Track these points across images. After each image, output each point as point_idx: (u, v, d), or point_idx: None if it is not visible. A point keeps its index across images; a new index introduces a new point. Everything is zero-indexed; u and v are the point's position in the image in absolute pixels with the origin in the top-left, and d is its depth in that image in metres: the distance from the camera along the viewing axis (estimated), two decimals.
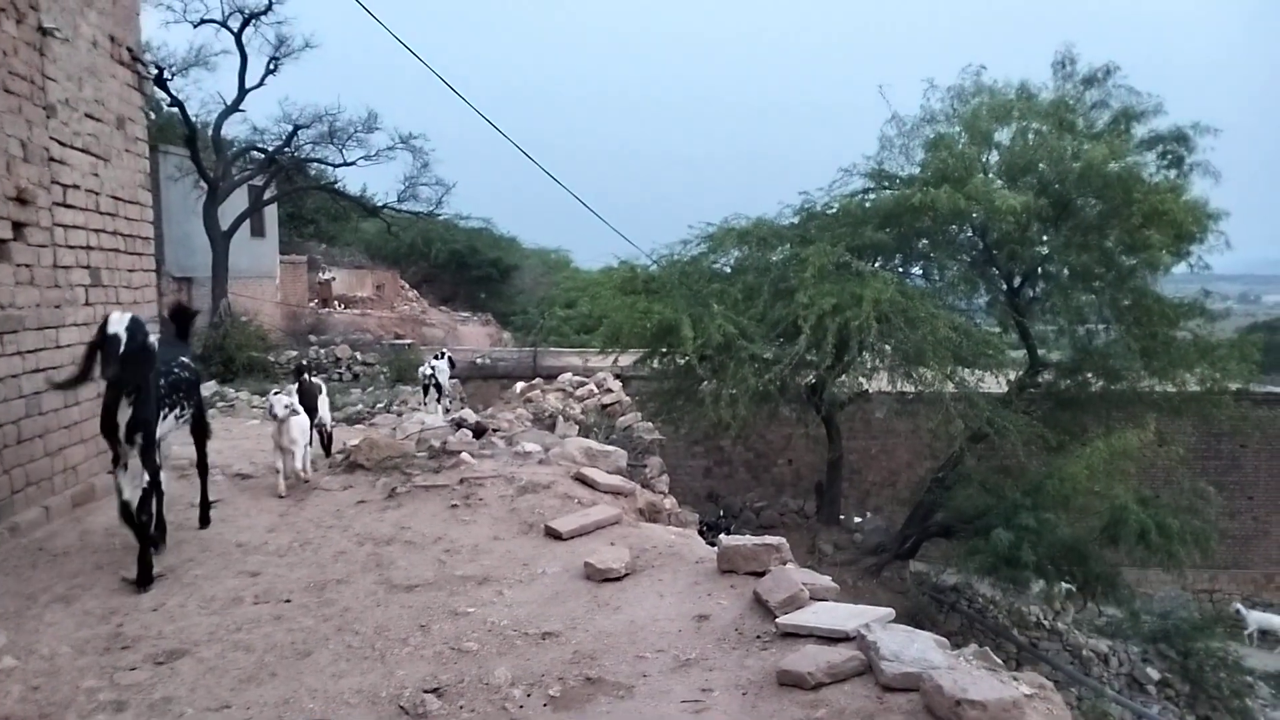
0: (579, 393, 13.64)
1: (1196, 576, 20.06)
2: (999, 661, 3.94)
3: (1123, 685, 15.86)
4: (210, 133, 20.94)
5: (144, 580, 5.47)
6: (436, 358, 13.92)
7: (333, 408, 14.77)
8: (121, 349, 5.13)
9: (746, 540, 5.34)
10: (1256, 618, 19.26)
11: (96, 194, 7.79)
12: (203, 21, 19.81)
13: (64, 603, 5.25)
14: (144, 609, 5.21)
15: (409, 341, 24.75)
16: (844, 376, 15.69)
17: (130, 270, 8.53)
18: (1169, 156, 15.48)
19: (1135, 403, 15.95)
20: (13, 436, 6.48)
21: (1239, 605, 19.64)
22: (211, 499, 7.07)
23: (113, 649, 4.63)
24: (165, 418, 5.92)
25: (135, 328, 5.23)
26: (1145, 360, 15.25)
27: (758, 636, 4.33)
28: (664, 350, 16.18)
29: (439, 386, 13.35)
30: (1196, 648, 16.21)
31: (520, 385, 14.18)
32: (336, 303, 30.04)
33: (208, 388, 15.94)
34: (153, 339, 5.45)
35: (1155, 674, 16.11)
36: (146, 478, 5.55)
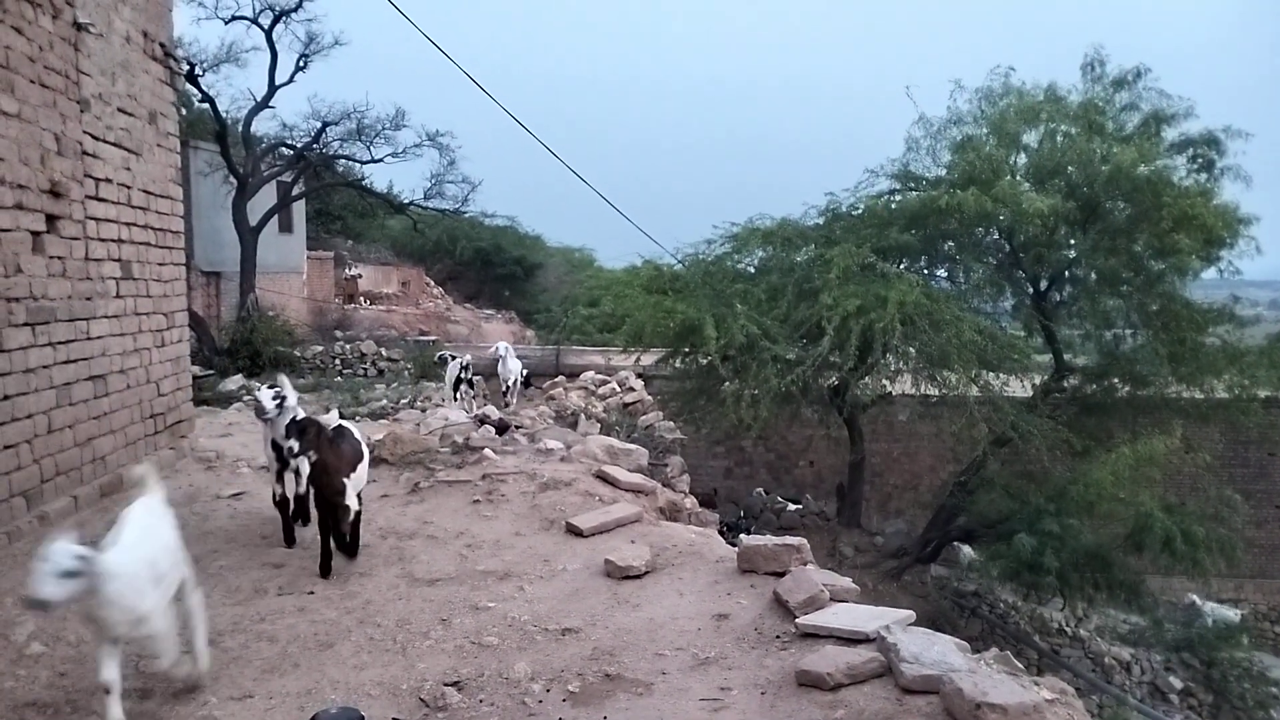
0: (601, 391, 13.69)
1: (1222, 585, 19.79)
2: (1019, 666, 3.93)
3: (1145, 694, 15.70)
4: (240, 129, 21.11)
5: None
6: (453, 357, 13.87)
7: (356, 402, 14.89)
8: None
9: (767, 540, 5.35)
10: (1211, 609, 18.87)
11: (128, 188, 7.88)
12: (234, 18, 19.97)
13: None
14: None
15: (434, 338, 24.87)
16: (867, 378, 15.61)
17: (160, 264, 8.63)
18: (1199, 160, 15.28)
19: (1162, 409, 15.76)
20: (43, 426, 6.57)
21: (1194, 597, 19.34)
22: (235, 491, 7.10)
23: None
24: None
25: None
26: (1173, 366, 15.06)
27: (777, 636, 4.33)
28: (686, 350, 16.16)
29: (470, 383, 13.37)
30: (1220, 657, 16.01)
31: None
32: (362, 299, 30.22)
33: (234, 381, 16.06)
34: None
35: (1178, 683, 15.93)
36: None
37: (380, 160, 23.30)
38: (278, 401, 6.27)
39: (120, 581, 3.65)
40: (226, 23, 20.03)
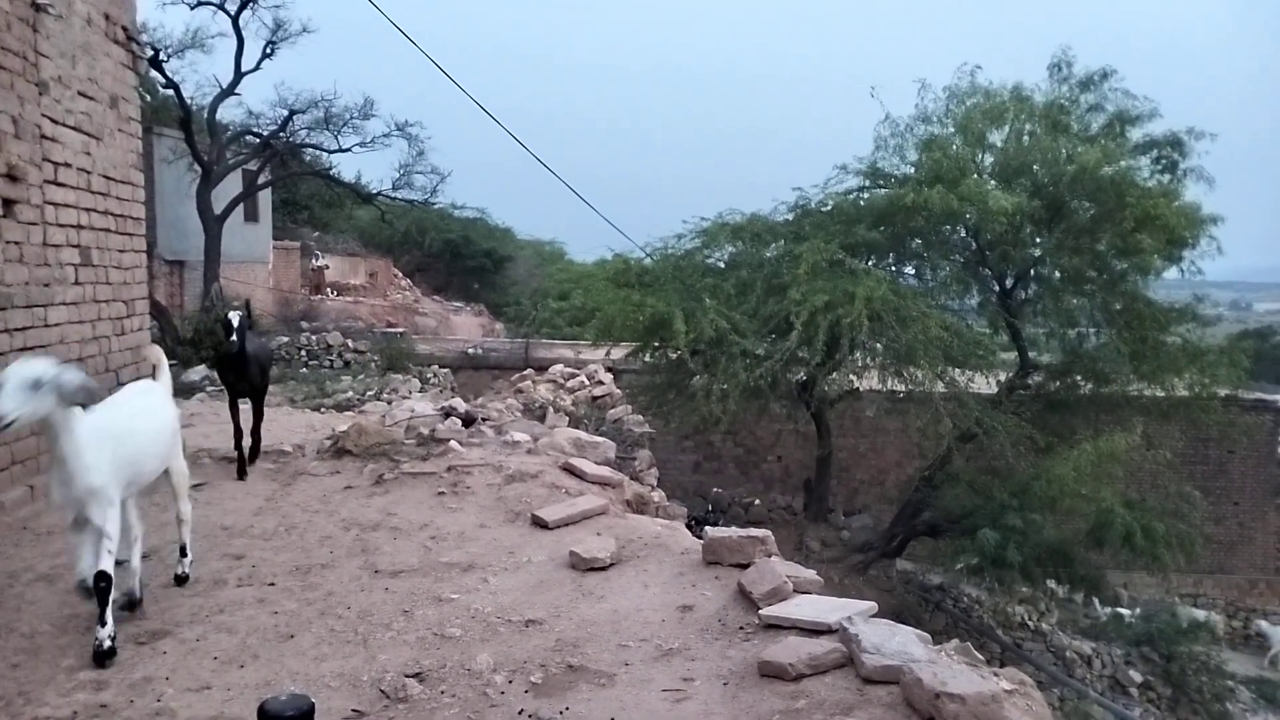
0: (570, 384, 13.63)
1: (1180, 580, 20.13)
2: (980, 657, 3.95)
3: (1105, 687, 15.94)
4: (205, 116, 20.81)
5: None
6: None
7: (322, 394, 14.74)
8: None
9: (732, 532, 5.35)
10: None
11: (88, 173, 7.75)
12: (200, 3, 19.69)
13: (47, 581, 5.23)
14: None
15: (401, 330, 24.73)
16: (835, 374, 15.71)
17: (121, 250, 8.50)
18: (1163, 161, 15.51)
19: (1124, 406, 16.00)
20: None
21: (1262, 622, 19.32)
22: (196, 482, 7.00)
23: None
24: None
25: None
26: (1135, 364, 15.28)
27: (740, 627, 4.33)
28: (656, 344, 16.19)
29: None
30: (1179, 651, 16.30)
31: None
32: (329, 290, 29.98)
33: (196, 371, 15.87)
34: None
35: (1138, 676, 16.20)
36: None
37: (348, 150, 23.09)
38: None
39: (83, 432, 3.43)
40: (192, 8, 19.78)
